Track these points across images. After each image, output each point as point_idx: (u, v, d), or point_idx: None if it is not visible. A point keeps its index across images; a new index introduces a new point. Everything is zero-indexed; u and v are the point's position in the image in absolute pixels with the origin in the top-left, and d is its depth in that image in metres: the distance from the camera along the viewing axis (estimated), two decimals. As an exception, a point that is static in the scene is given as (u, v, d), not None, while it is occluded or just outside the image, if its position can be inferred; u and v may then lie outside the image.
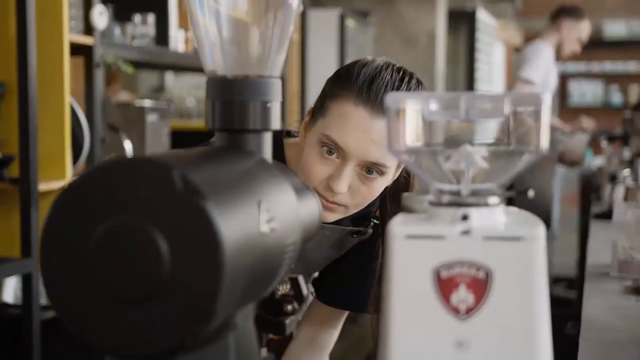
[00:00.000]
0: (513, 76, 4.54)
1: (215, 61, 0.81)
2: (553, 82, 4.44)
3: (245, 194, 0.67)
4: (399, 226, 0.68)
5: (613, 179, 3.27)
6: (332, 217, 1.30)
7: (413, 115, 0.70)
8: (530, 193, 0.70)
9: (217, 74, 0.81)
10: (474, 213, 0.68)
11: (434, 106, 0.69)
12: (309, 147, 1.27)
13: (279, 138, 1.41)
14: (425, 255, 0.67)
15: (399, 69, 1.28)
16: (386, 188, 1.32)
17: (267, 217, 0.69)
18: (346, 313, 1.52)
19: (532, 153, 0.68)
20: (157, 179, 0.60)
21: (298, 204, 0.78)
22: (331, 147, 1.24)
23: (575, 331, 1.46)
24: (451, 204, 0.69)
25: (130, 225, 0.60)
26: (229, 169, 0.70)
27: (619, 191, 2.93)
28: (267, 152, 0.81)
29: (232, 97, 0.79)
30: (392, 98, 0.70)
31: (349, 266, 1.46)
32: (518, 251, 0.66)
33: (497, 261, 0.66)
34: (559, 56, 4.49)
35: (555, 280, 5.43)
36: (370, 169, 1.25)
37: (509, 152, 0.69)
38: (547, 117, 0.67)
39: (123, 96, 4.18)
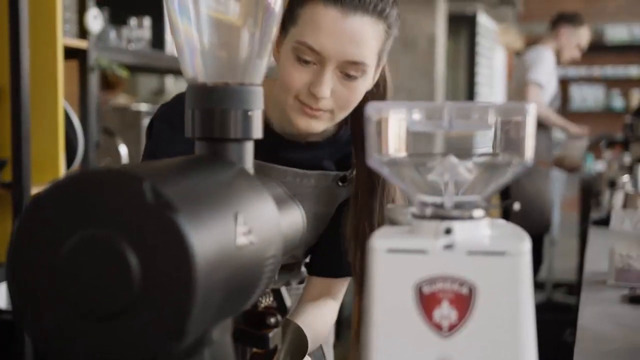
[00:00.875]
0: (516, 81, 4.53)
1: (196, 68, 0.79)
2: (554, 86, 4.45)
3: (221, 206, 0.65)
4: (380, 240, 0.66)
5: (612, 185, 3.25)
6: (319, 125, 1.27)
7: (395, 125, 0.68)
8: (516, 206, 0.68)
9: (198, 82, 0.79)
10: (458, 226, 0.66)
11: (417, 116, 0.67)
12: (285, 59, 1.25)
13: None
14: (407, 270, 0.65)
15: None
16: (365, 97, 1.30)
17: (245, 229, 0.66)
18: (345, 282, 1.48)
19: (518, 165, 0.66)
20: (128, 191, 0.58)
21: (279, 215, 0.76)
22: (307, 54, 1.22)
23: (573, 338, 1.44)
24: (434, 217, 0.67)
25: (100, 239, 0.58)
26: (205, 180, 0.67)
27: (618, 197, 2.91)
28: (249, 162, 0.79)
29: (213, 106, 0.77)
30: (372, 108, 0.68)
31: (336, 233, 1.42)
32: (502, 266, 0.64)
33: (481, 276, 0.64)
34: (558, 61, 4.49)
35: (555, 286, 5.41)
36: (350, 70, 1.23)
37: (493, 165, 0.67)
38: (532, 128, 0.66)
39: (121, 99, 4.16)
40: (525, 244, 0.65)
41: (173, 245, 0.57)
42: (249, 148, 0.79)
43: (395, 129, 0.68)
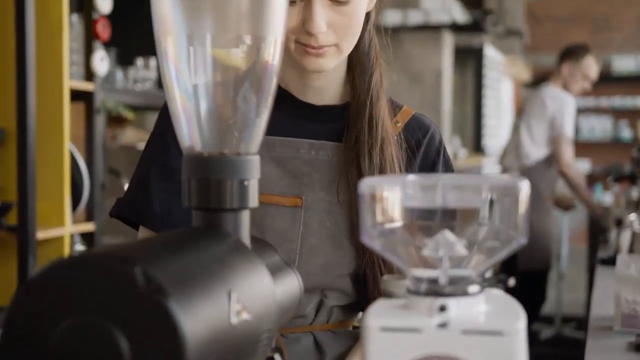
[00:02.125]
0: (532, 119, 4.47)
1: (192, 137, 0.79)
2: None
3: (214, 285, 0.64)
4: (374, 318, 0.66)
5: (619, 223, 3.23)
6: (329, 62, 1.19)
7: (388, 200, 0.68)
8: (511, 282, 0.68)
9: (194, 151, 0.79)
10: (453, 303, 0.66)
11: (410, 191, 0.67)
12: None
13: None
14: (401, 349, 0.65)
15: None
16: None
17: (238, 307, 0.66)
18: None
19: (512, 241, 0.66)
20: (119, 276, 0.58)
21: (275, 286, 0.76)
22: None
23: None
24: (429, 293, 0.67)
25: (91, 325, 0.58)
26: (198, 257, 0.67)
27: (625, 237, 2.89)
28: (245, 231, 0.78)
29: (209, 176, 0.77)
30: (365, 184, 0.67)
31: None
32: (498, 346, 0.64)
33: (476, 356, 0.64)
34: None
35: (564, 320, 5.37)
36: None
37: (488, 241, 0.67)
38: (525, 204, 0.65)
39: (129, 134, 4.17)
40: (521, 322, 0.65)
41: (164, 330, 0.57)
42: (245, 217, 0.79)
43: (388, 204, 0.67)
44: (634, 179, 4.20)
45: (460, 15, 5.55)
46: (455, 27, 5.47)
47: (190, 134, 0.79)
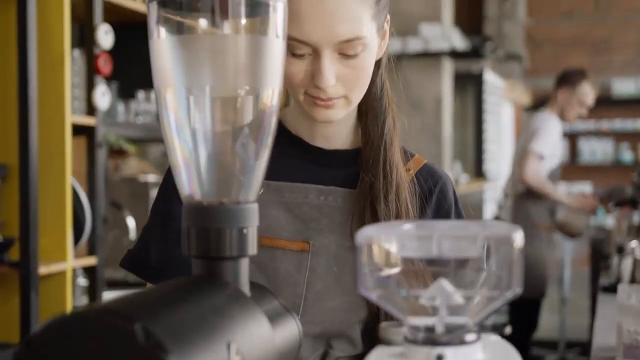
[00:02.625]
0: (521, 144, 4.55)
1: (191, 186, 0.80)
2: (559, 153, 4.49)
3: (213, 337, 0.65)
4: (371, 368, 0.66)
5: (620, 250, 3.23)
6: (338, 113, 1.18)
7: (385, 251, 0.68)
8: (507, 330, 0.68)
9: (194, 200, 0.80)
10: (450, 352, 0.66)
11: (407, 241, 0.68)
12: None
13: None
14: (399, 399, 0.65)
15: None
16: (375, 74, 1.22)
17: (237, 358, 0.67)
18: None
19: (507, 292, 0.67)
20: (119, 333, 0.59)
21: (274, 333, 0.76)
22: (297, 47, 1.13)
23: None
24: (426, 342, 0.67)
25: (91, 380, 0.58)
26: (197, 309, 0.68)
27: (627, 264, 2.89)
28: (244, 279, 0.79)
29: (208, 225, 0.78)
30: (362, 235, 0.68)
31: None
32: (494, 395, 0.64)
33: (473, 405, 0.64)
34: (564, 120, 4.52)
35: (568, 346, 5.35)
36: (348, 49, 1.13)
37: (484, 290, 0.68)
38: (519, 254, 0.66)
39: (132, 164, 4.19)
40: (517, 371, 0.65)
41: (164, 386, 0.57)
42: (245, 265, 0.80)
43: (385, 254, 0.68)
44: (636, 204, 4.20)
45: (459, 42, 5.59)
46: (455, 54, 5.51)
47: (189, 183, 0.80)
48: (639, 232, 3.64)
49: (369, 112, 1.27)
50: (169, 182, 1.25)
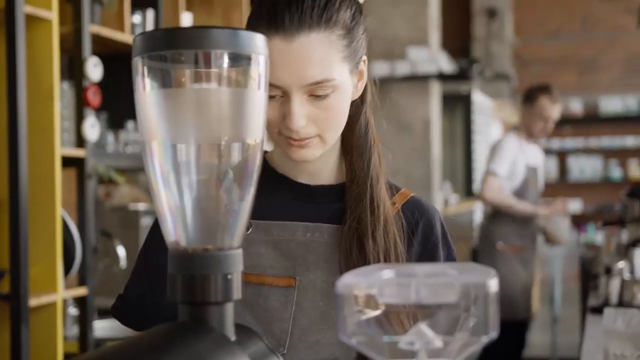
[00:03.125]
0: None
1: (177, 234, 0.82)
2: (521, 171, 4.43)
3: (199, 386, 0.67)
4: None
5: (608, 271, 3.26)
6: (312, 152, 1.20)
7: (365, 298, 0.71)
8: None
9: (179, 247, 0.82)
10: (429, 396, 0.68)
11: (386, 289, 0.70)
12: None
13: None
14: None
15: None
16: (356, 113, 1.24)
17: (223, 405, 0.69)
18: None
19: (483, 337, 0.69)
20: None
21: (259, 377, 0.78)
22: (268, 90, 1.17)
23: None
24: (407, 386, 0.69)
25: None
26: (182, 356, 0.70)
27: (615, 285, 2.91)
28: (229, 323, 0.81)
29: (194, 271, 0.80)
30: (342, 282, 0.71)
31: None
32: None
33: None
34: (533, 137, 4.51)
35: (560, 364, 5.37)
36: (317, 90, 1.15)
37: (461, 335, 0.70)
38: (494, 300, 0.68)
39: (123, 191, 4.20)
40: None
41: None
42: (229, 309, 0.81)
43: (364, 301, 0.71)
44: (623, 223, 4.23)
45: (446, 65, 5.64)
46: (443, 77, 5.56)
47: (175, 230, 0.82)
48: (627, 252, 3.66)
49: (354, 149, 1.28)
50: (155, 232, 1.26)
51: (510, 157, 4.36)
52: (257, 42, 0.80)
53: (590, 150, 10.10)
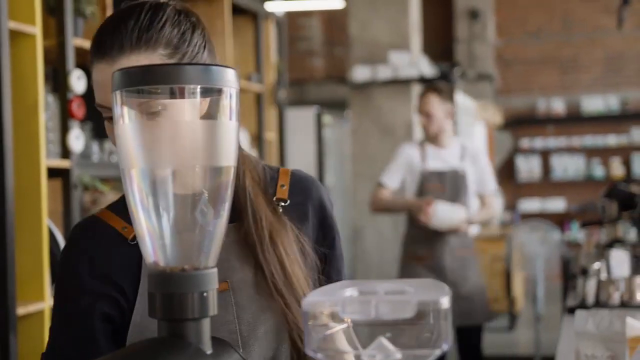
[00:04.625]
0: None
1: (156, 255, 0.88)
2: (417, 175, 4.24)
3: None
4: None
5: (584, 272, 3.32)
6: None
7: (328, 315, 0.77)
8: (440, 382, 0.77)
9: (158, 267, 0.88)
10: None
11: (348, 307, 0.76)
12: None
13: None
14: None
15: (133, 5, 1.23)
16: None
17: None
18: None
19: (437, 349, 0.75)
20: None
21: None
22: (105, 112, 1.21)
23: None
24: (368, 396, 0.75)
25: None
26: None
27: (591, 285, 2.97)
28: (206, 337, 0.87)
29: (172, 290, 0.86)
30: (307, 302, 0.76)
31: None
32: None
33: None
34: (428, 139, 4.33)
35: (544, 361, 5.45)
36: (149, 108, 1.10)
37: (417, 349, 0.76)
38: (447, 315, 0.75)
39: (110, 197, 4.23)
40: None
41: None
42: (206, 324, 0.87)
43: (328, 318, 0.77)
44: (602, 224, 4.29)
45: (427, 69, 5.71)
46: (424, 80, 5.63)
47: (153, 251, 0.88)
48: (604, 252, 3.72)
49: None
50: (69, 273, 1.27)
51: (401, 167, 4.23)
52: (228, 77, 0.86)
53: (573, 149, 10.21)
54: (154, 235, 0.88)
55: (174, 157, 0.86)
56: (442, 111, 4.25)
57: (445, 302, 0.75)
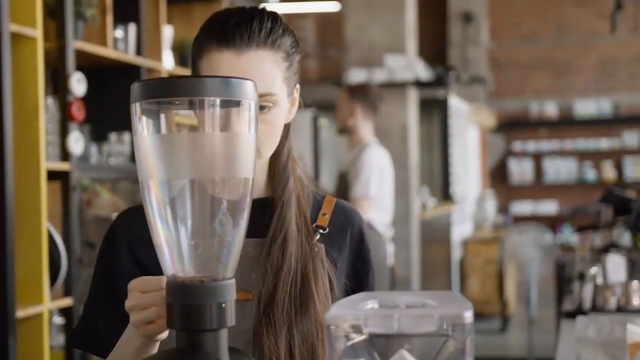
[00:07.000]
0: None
1: (175, 267, 0.88)
2: (388, 187, 4.16)
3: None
4: None
5: (581, 277, 3.33)
6: None
7: (351, 327, 0.77)
8: None
9: (177, 278, 0.88)
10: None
11: (370, 320, 0.77)
12: None
13: None
14: None
15: (251, 8, 1.27)
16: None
17: None
18: None
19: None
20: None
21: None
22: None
23: None
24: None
25: None
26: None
27: (588, 290, 2.98)
28: (223, 348, 0.87)
29: (190, 301, 0.86)
30: (330, 315, 0.77)
31: None
32: None
33: None
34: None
35: (537, 364, 5.46)
36: (260, 101, 1.17)
37: (438, 361, 0.76)
38: (471, 330, 0.75)
39: (105, 198, 4.22)
40: None
41: None
42: (224, 335, 0.88)
43: (350, 331, 0.77)
44: (596, 228, 4.31)
45: (423, 72, 5.72)
46: (419, 84, 5.63)
47: (172, 263, 0.88)
48: (600, 257, 3.73)
49: (275, 175, 1.32)
50: (109, 244, 1.28)
51: (373, 174, 4.04)
52: (247, 89, 0.86)
53: (565, 153, 10.23)
54: (172, 246, 0.88)
55: (192, 168, 0.87)
56: (359, 113, 4.20)
57: (468, 316, 0.75)
